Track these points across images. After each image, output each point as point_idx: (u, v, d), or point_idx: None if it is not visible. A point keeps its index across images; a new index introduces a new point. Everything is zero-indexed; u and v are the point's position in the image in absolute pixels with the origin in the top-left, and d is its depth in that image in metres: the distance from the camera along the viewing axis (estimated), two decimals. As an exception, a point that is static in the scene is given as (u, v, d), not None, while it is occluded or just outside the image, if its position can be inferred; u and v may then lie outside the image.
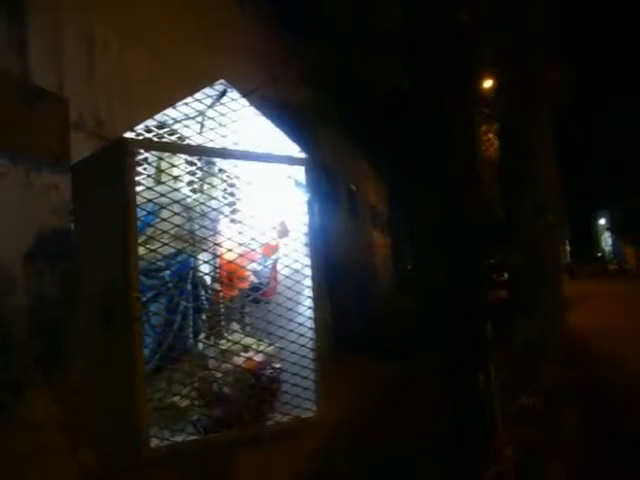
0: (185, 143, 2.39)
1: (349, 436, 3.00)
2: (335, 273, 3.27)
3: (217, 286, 2.41)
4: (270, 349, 2.43)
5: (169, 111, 2.34)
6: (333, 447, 2.90)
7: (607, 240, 60.94)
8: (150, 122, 2.33)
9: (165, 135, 2.39)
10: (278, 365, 2.43)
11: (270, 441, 2.41)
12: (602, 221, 62.61)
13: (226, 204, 2.51)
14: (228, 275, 2.41)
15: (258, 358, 2.37)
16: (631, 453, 3.95)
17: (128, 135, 2.17)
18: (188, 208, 2.32)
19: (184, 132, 2.44)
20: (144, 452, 2.07)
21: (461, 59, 4.28)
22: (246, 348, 2.37)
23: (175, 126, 2.39)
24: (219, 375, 2.30)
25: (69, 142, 6.02)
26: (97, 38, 6.27)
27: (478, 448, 3.32)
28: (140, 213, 2.24)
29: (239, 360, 2.32)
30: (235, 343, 2.35)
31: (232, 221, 2.48)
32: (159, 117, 2.35)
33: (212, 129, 2.40)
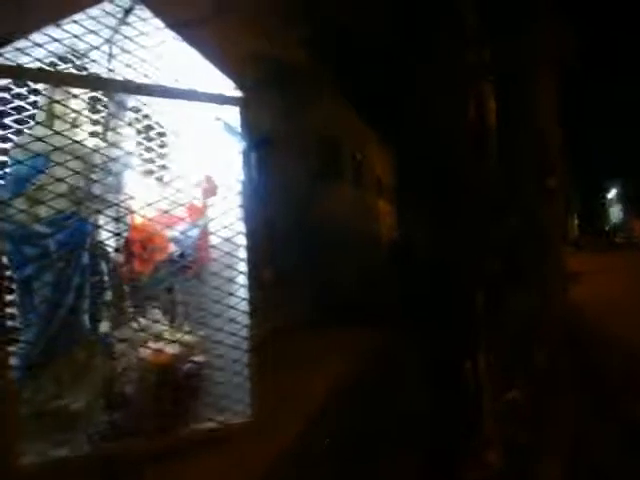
0: (82, 74, 1.86)
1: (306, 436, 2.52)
2: (327, 240, 2.88)
3: (124, 258, 1.91)
4: (190, 338, 1.93)
5: (71, 41, 1.82)
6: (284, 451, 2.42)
7: (615, 213, 60.15)
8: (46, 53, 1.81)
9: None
10: (200, 358, 1.93)
11: (188, 452, 1.92)
12: (611, 194, 61.78)
13: (137, 155, 1.99)
14: (139, 244, 1.91)
15: (172, 350, 1.88)
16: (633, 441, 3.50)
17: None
18: (84, 160, 1.81)
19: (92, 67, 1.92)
20: (11, 471, 1.58)
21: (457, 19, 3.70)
22: (158, 337, 1.87)
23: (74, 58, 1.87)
24: (120, 371, 1.81)
25: None
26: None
27: (460, 448, 2.85)
28: (17, 168, 1.76)
29: (146, 352, 1.83)
30: (141, 330, 1.85)
31: (144, 176, 1.97)
32: (56, 48, 1.82)
33: (122, 58, 1.88)
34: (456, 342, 3.22)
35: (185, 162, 1.99)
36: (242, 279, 1.99)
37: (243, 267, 1.99)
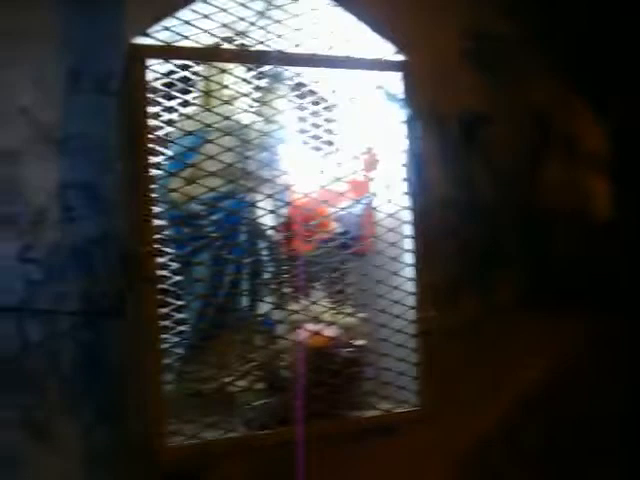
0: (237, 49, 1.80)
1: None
2: (537, 218, 2.66)
3: (283, 237, 1.84)
4: (351, 320, 1.83)
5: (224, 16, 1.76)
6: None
7: None
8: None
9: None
10: (361, 342, 1.82)
11: (349, 441, 1.83)
12: None
13: (295, 128, 1.91)
14: (299, 222, 1.84)
15: (333, 332, 1.79)
16: None
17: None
18: (242, 137, 1.76)
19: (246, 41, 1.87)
20: (159, 452, 1.59)
21: None
22: (318, 319, 1.79)
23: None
24: (278, 354, 1.76)
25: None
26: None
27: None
28: (174, 148, 1.76)
29: (305, 335, 1.75)
30: (301, 312, 1.78)
31: (303, 150, 1.89)
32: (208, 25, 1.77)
33: (275, 29, 1.80)
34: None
35: (345, 134, 1.88)
36: (408, 258, 1.85)
37: (409, 245, 1.85)
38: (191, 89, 1.85)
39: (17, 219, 1.95)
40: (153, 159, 1.69)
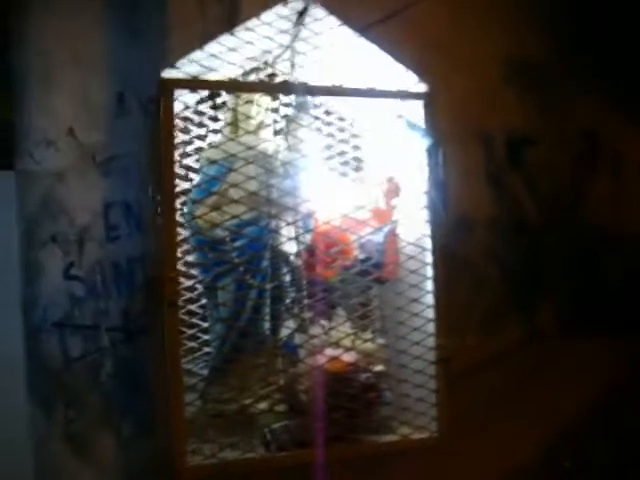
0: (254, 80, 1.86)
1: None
2: (584, 239, 2.62)
3: (305, 263, 1.88)
4: (370, 346, 1.86)
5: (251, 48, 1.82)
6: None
7: None
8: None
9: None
10: (380, 368, 1.85)
11: (366, 465, 1.86)
12: None
13: (319, 157, 1.94)
14: (322, 249, 1.88)
15: (351, 358, 1.82)
16: None
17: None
18: (267, 166, 1.82)
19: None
20: (177, 471, 1.66)
21: None
22: (337, 344, 1.83)
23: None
24: (297, 378, 1.80)
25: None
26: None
27: None
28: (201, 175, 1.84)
29: (324, 360, 1.79)
30: (321, 337, 1.82)
31: (327, 178, 1.92)
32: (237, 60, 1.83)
33: (300, 60, 1.85)
34: None
35: (368, 163, 1.91)
36: (429, 285, 1.87)
37: (429, 272, 1.87)
38: (218, 118, 1.91)
39: (62, 237, 2.04)
40: (180, 184, 1.78)
